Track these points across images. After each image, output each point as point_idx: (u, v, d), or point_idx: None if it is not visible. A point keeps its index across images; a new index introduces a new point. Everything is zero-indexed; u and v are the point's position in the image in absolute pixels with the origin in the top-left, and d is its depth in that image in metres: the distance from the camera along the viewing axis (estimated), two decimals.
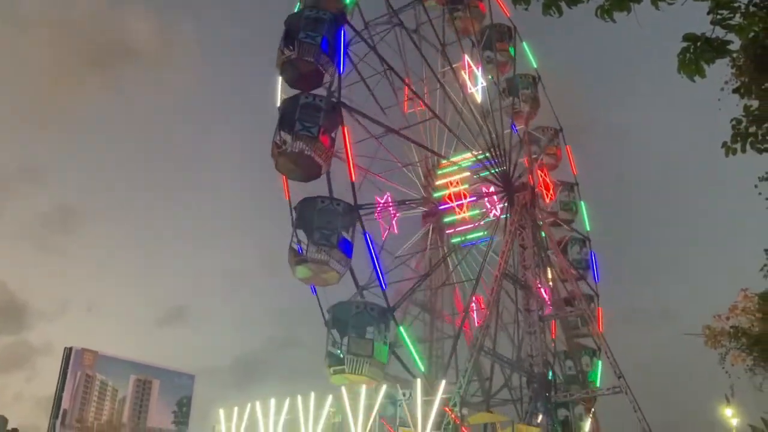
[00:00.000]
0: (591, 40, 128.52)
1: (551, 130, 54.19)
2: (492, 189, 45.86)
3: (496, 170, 46.00)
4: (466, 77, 48.14)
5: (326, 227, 34.04)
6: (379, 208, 40.79)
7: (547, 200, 50.69)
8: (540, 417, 40.63)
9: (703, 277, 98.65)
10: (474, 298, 44.84)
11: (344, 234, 34.58)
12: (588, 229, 53.74)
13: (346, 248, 34.42)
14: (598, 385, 45.40)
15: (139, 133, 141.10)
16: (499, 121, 48.31)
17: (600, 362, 46.15)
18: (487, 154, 45.79)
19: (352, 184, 35.80)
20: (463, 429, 33.84)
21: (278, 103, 37.53)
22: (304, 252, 33.62)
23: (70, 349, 46.67)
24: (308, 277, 34.43)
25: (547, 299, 46.42)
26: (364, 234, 35.75)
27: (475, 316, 45.71)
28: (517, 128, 50.22)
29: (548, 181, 51.65)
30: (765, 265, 16.28)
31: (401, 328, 36.36)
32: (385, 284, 35.97)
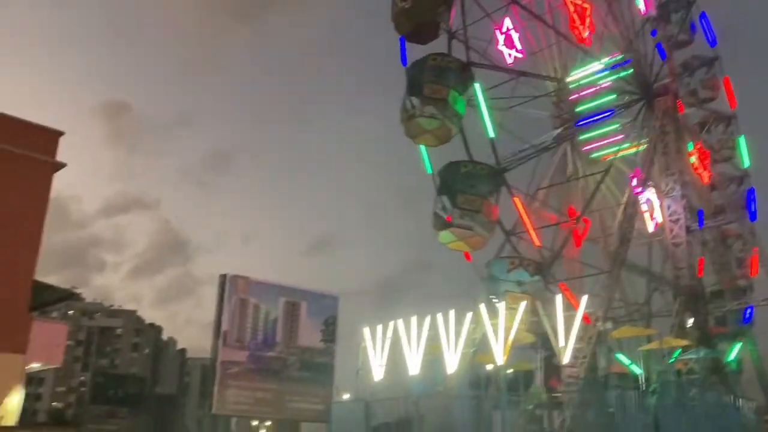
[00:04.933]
0: None
1: (706, 59, 48.65)
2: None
3: (630, 72, 42.18)
4: None
5: (470, 191, 33.62)
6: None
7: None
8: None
9: None
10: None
11: (489, 198, 34.22)
12: (745, 165, 47.84)
13: (491, 212, 34.05)
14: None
15: (281, 75, 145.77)
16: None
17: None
18: (623, 56, 42.38)
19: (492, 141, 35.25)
20: None
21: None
22: (449, 217, 33.44)
23: (224, 276, 50.10)
24: (452, 242, 34.22)
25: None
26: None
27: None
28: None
29: None
30: None
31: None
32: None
